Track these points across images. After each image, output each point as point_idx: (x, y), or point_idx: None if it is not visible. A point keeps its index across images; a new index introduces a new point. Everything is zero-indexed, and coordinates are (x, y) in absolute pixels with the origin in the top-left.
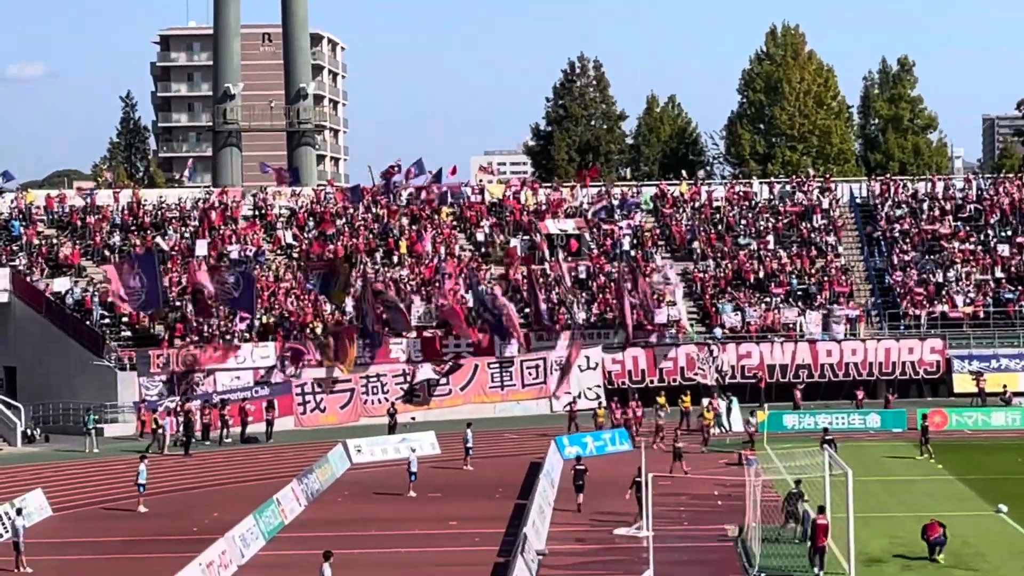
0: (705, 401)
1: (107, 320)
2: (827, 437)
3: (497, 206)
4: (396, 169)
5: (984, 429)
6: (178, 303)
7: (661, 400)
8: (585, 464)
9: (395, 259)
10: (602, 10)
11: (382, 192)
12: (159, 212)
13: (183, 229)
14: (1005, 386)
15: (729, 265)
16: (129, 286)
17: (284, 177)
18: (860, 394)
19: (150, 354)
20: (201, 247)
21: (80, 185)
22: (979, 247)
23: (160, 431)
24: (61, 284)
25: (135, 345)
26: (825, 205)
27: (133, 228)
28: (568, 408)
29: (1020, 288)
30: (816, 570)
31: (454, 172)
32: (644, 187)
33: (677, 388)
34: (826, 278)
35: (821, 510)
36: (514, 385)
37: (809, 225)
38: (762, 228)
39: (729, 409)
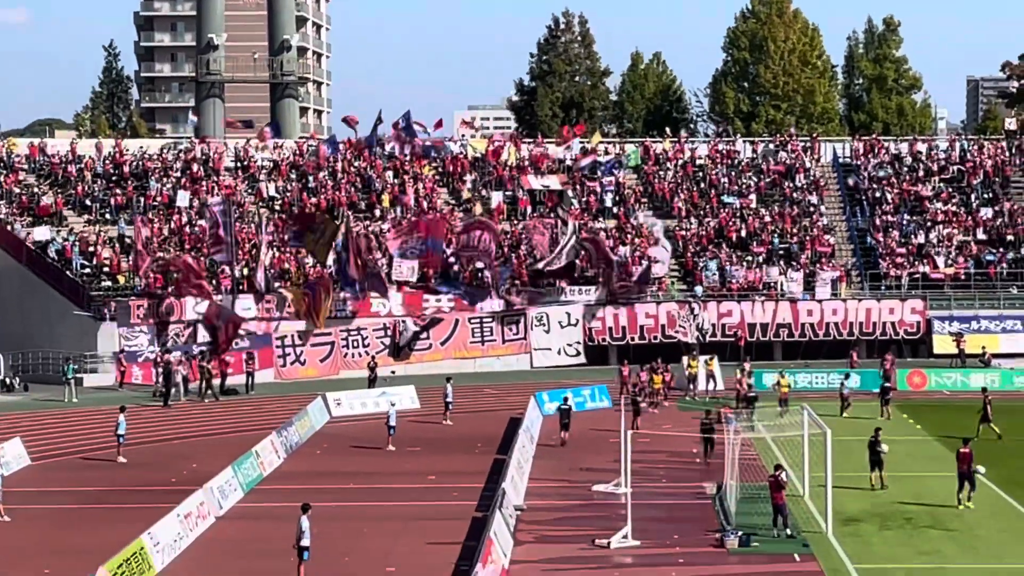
0: (703, 358)
1: (87, 270)
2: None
3: (480, 161)
4: (379, 121)
5: (963, 390)
6: (163, 254)
7: (693, 363)
8: (570, 404)
9: (377, 212)
10: None
11: (366, 144)
12: (140, 163)
13: (165, 180)
14: (984, 347)
15: (711, 223)
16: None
17: (237, 126)
18: (854, 354)
19: (130, 304)
20: (183, 198)
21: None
22: (961, 208)
23: (176, 377)
24: (42, 233)
25: (115, 295)
26: (808, 164)
27: (115, 178)
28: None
29: (1001, 250)
30: (774, 529)
31: (439, 126)
32: (627, 144)
33: (658, 346)
34: (808, 237)
35: (777, 467)
36: (494, 340)
37: (792, 184)
38: (745, 187)
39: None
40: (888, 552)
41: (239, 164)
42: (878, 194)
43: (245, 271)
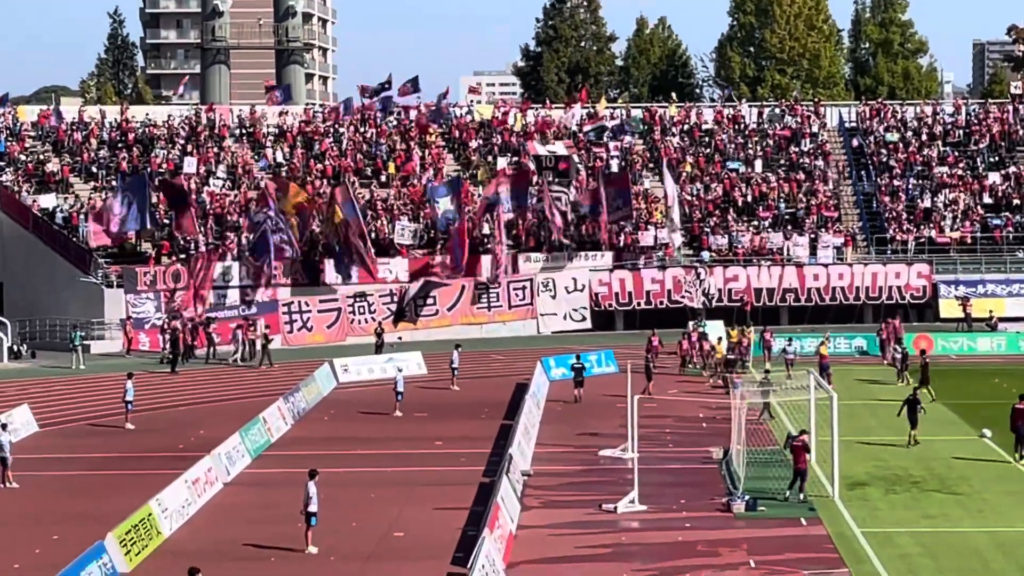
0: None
1: None
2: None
3: (486, 127)
4: (388, 86)
5: (970, 354)
6: (166, 221)
7: (733, 333)
8: (582, 364)
9: (383, 179)
10: None
11: (379, 108)
12: (146, 129)
13: (170, 147)
14: (991, 311)
15: (717, 188)
16: (115, 212)
17: (276, 98)
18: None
19: (137, 271)
20: (190, 164)
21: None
22: (967, 173)
23: (241, 341)
24: (48, 200)
25: (122, 262)
26: (814, 129)
27: (120, 145)
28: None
29: (1007, 214)
30: (788, 492)
31: (447, 94)
32: (633, 109)
33: (663, 311)
34: (814, 202)
35: (802, 432)
36: (501, 306)
37: (798, 149)
38: (751, 152)
39: (704, 334)
40: (894, 516)
41: (244, 131)
42: (884, 159)
43: (252, 238)
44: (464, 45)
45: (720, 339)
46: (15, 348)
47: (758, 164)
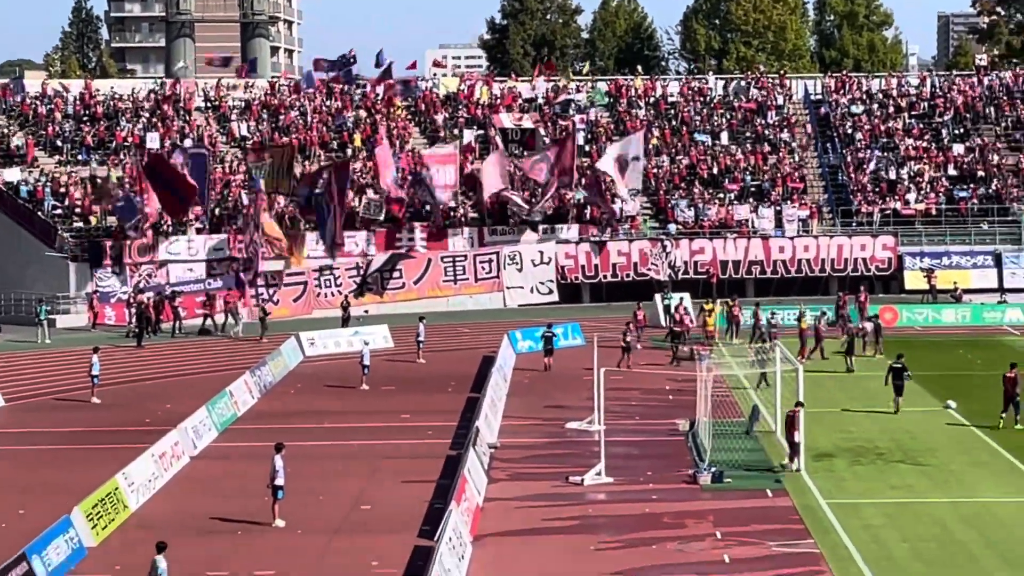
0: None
1: (59, 211)
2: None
3: (452, 100)
4: (353, 59)
5: (934, 326)
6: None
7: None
8: (552, 332)
9: (349, 152)
10: None
11: (344, 81)
12: (111, 103)
13: (136, 120)
14: (956, 283)
15: (683, 161)
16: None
17: (215, 63)
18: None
19: (103, 245)
20: (153, 139)
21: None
22: (932, 145)
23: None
24: (12, 174)
25: (87, 236)
26: (780, 102)
27: (86, 119)
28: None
29: (972, 186)
30: (786, 461)
31: (413, 67)
32: (599, 82)
33: (629, 284)
34: (779, 175)
35: (798, 404)
36: (467, 279)
37: (763, 121)
38: (716, 124)
39: (667, 306)
40: (860, 487)
41: (210, 104)
42: (849, 131)
43: (217, 211)
44: (430, 18)
45: (711, 311)
46: None
47: (724, 136)
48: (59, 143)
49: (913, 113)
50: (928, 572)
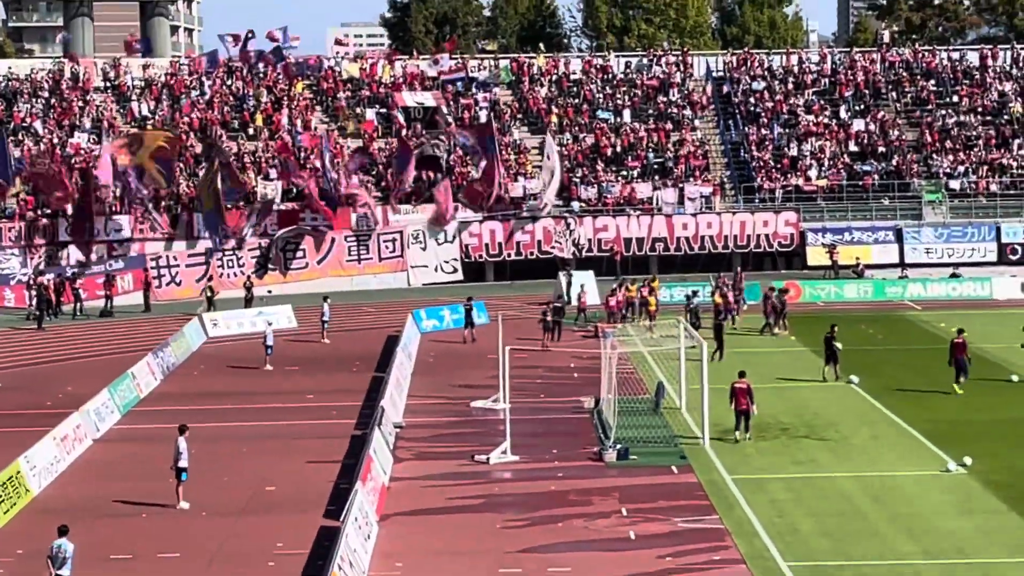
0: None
1: None
2: (691, 306)
3: (353, 80)
4: (252, 36)
5: (837, 301)
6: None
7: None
8: (471, 305)
9: (250, 132)
10: None
11: (245, 59)
12: (9, 83)
13: (34, 100)
14: (858, 259)
15: (587, 139)
16: None
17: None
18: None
19: (1, 226)
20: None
21: None
22: (833, 121)
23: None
24: None
25: None
26: (681, 79)
27: None
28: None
29: (873, 162)
30: (738, 433)
31: (295, 40)
32: (501, 59)
33: (533, 262)
34: (682, 152)
35: (741, 375)
36: (371, 258)
37: (666, 99)
38: (619, 102)
39: (569, 284)
40: (764, 462)
41: (109, 84)
42: (751, 108)
43: (117, 192)
44: None
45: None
46: None
47: (627, 114)
48: None
49: (814, 90)
50: (833, 546)
